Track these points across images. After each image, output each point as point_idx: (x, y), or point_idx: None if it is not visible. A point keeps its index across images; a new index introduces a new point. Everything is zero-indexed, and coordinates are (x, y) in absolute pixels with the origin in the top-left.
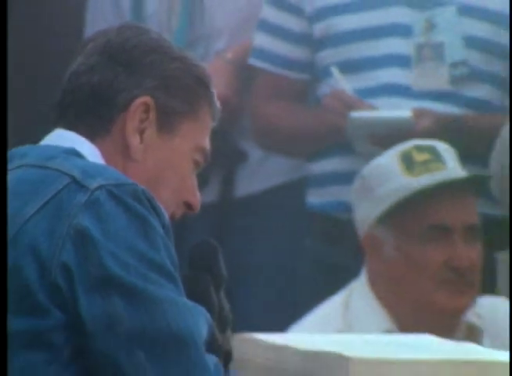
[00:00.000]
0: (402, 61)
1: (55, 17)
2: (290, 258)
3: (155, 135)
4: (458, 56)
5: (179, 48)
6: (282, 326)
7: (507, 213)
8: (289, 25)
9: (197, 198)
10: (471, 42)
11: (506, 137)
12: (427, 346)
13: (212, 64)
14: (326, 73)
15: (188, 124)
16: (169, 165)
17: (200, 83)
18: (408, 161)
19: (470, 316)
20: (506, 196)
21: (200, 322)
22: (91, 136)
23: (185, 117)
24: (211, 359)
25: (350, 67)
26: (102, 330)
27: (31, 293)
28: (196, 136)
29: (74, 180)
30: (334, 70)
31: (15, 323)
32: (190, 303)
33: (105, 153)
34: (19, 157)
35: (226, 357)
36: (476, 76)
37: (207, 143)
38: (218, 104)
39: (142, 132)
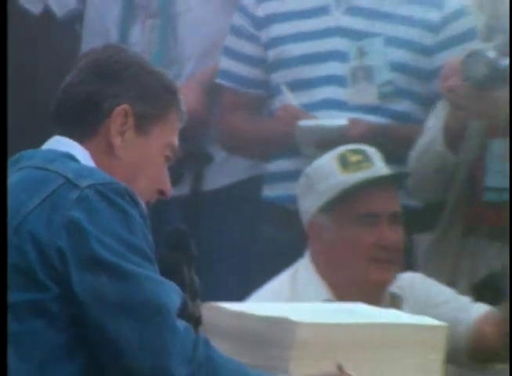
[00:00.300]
0: (339, 81)
1: (52, 47)
2: (249, 241)
3: (133, 136)
4: (385, 77)
5: (151, 63)
6: (242, 296)
7: (420, 203)
8: (248, 51)
9: (169, 186)
10: (395, 66)
11: (420, 143)
12: (360, 312)
13: (185, 84)
14: (277, 90)
15: (160, 126)
16: (145, 160)
17: (169, 92)
18: (343, 162)
19: (393, 288)
20: (419, 189)
21: (171, 294)
22: (82, 139)
23: (157, 120)
24: (182, 324)
25: (297, 86)
26: (91, 301)
27: (33, 272)
28: (166, 136)
29: (68, 180)
30: (284, 88)
31: (19, 296)
32: (163, 279)
33: (93, 153)
34: (26, 158)
35: (196, 322)
36: (399, 94)
37: (175, 141)
38: (184, 108)
39: (122, 134)
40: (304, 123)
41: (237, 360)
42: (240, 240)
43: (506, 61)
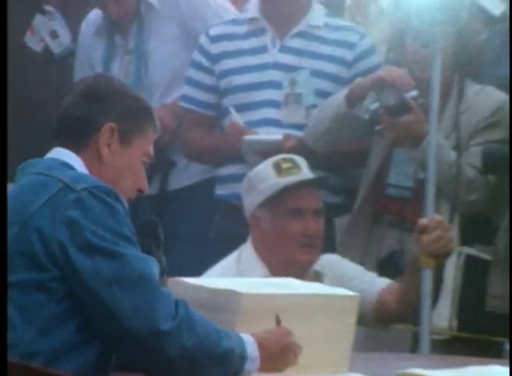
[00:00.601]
0: (275, 104)
1: (51, 77)
2: (204, 229)
3: (118, 147)
4: (310, 101)
5: (132, 89)
6: (199, 273)
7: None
8: (204, 81)
9: (146, 184)
10: (319, 93)
11: (324, 103)
12: (291, 285)
13: (161, 108)
14: (227, 112)
15: (139, 139)
16: (127, 166)
17: (146, 111)
18: (277, 168)
19: (316, 266)
20: (316, 140)
21: (152, 266)
22: (77, 149)
23: (137, 134)
24: (164, 289)
25: (242, 108)
26: (90, 277)
27: (36, 257)
28: (144, 146)
29: (66, 185)
30: (232, 110)
31: (26, 276)
32: (144, 255)
33: (86, 161)
34: (32, 166)
35: None
36: None
37: (151, 150)
38: (158, 124)
39: (109, 146)
40: (247, 137)
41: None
42: (197, 228)
43: (413, 92)
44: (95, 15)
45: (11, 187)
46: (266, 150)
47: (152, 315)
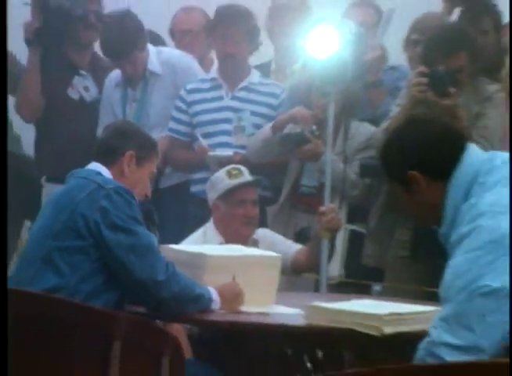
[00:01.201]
0: (228, 133)
1: (84, 117)
2: (183, 215)
3: (134, 168)
4: (250, 131)
5: (142, 128)
6: (178, 242)
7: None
8: (183, 119)
9: (149, 192)
10: (256, 126)
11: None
12: (239, 249)
13: (159, 141)
14: (197, 138)
15: (148, 163)
16: (139, 180)
17: (153, 144)
18: (229, 174)
19: (254, 236)
20: (253, 156)
21: (154, 240)
22: (107, 165)
23: (147, 160)
24: (161, 254)
25: (207, 136)
26: (114, 246)
27: (80, 231)
28: (150, 167)
29: (99, 185)
30: (200, 137)
31: (71, 243)
32: (149, 233)
33: (112, 174)
34: (76, 173)
35: None
36: None
37: (155, 170)
38: (159, 153)
39: (129, 166)
40: (210, 154)
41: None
42: (178, 214)
43: (313, 127)
44: (115, 73)
45: (61, 187)
46: (222, 162)
47: (152, 271)
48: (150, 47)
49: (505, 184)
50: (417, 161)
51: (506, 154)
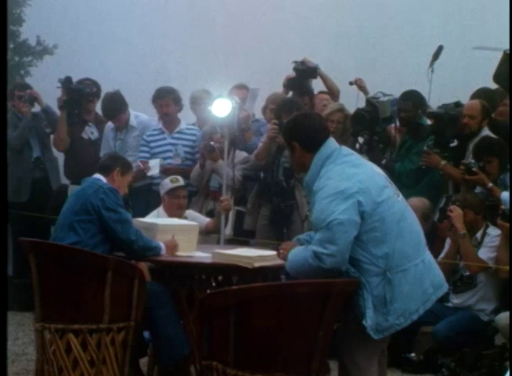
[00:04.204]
0: (171, 157)
1: (91, 149)
2: (146, 202)
3: (120, 177)
4: (182, 155)
5: (124, 155)
6: (142, 216)
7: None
8: (145, 150)
9: (127, 191)
10: (186, 152)
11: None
12: (177, 221)
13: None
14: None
15: (127, 175)
16: (122, 184)
17: (129, 165)
18: (171, 180)
19: (184, 214)
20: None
21: (129, 216)
22: (105, 176)
23: (126, 173)
24: (134, 225)
25: (157, 157)
26: (108, 219)
27: (89, 211)
28: (129, 177)
29: (100, 186)
30: (155, 159)
31: (84, 217)
32: (129, 214)
33: (107, 180)
34: (87, 180)
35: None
36: (190, 159)
37: (130, 178)
38: (133, 169)
39: (117, 176)
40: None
41: None
42: (144, 201)
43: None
44: (110, 124)
45: (78, 187)
46: (164, 170)
47: (128, 233)
48: (132, 112)
49: (350, 166)
50: (296, 137)
51: (347, 150)
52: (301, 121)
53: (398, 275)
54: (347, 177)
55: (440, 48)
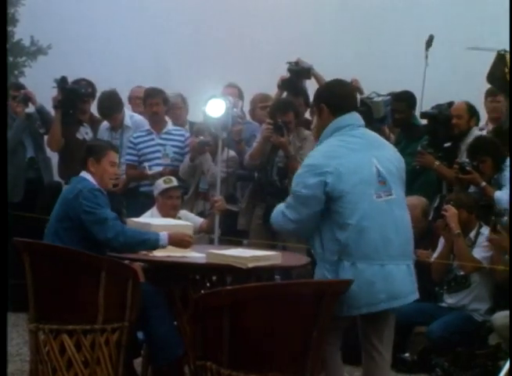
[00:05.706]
0: (159, 158)
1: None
2: (137, 203)
3: (97, 165)
4: (171, 155)
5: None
6: (138, 215)
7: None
8: (133, 152)
9: (116, 181)
10: (175, 152)
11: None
12: (171, 221)
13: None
14: (143, 163)
15: (103, 157)
16: (104, 171)
17: (102, 147)
18: (164, 181)
19: (178, 214)
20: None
21: (110, 214)
22: (85, 170)
23: (103, 157)
24: (117, 222)
25: (147, 160)
26: (86, 222)
27: (70, 217)
28: (108, 159)
29: (80, 190)
30: (145, 163)
31: (66, 224)
32: (108, 211)
33: (89, 174)
34: (74, 179)
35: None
36: (177, 161)
37: (115, 159)
38: (112, 149)
39: (93, 166)
40: (150, 172)
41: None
42: (135, 202)
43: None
44: (105, 123)
45: (67, 186)
46: (159, 173)
47: (105, 232)
48: (127, 111)
49: (345, 147)
50: (326, 98)
51: (362, 132)
52: (334, 85)
53: (351, 267)
54: (331, 156)
55: (431, 37)
